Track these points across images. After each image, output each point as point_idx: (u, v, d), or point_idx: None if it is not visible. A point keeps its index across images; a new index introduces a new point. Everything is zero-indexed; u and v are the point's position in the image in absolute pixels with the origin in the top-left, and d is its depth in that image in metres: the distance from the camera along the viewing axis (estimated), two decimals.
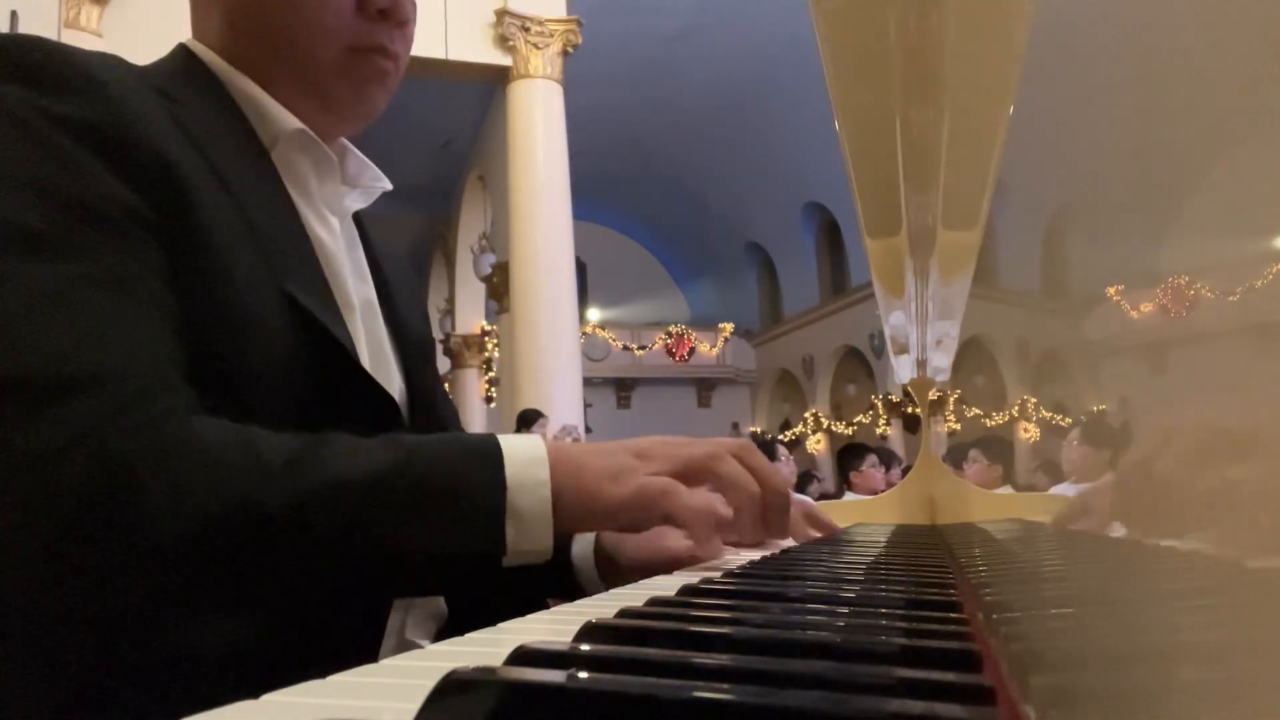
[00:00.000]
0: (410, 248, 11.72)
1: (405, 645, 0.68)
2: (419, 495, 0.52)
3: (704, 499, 0.57)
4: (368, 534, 0.51)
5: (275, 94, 0.68)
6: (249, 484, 0.48)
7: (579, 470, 0.56)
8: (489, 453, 0.54)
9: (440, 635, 0.72)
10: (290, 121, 0.67)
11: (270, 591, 0.50)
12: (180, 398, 0.51)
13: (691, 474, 0.59)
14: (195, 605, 0.50)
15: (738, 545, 0.72)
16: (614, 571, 0.77)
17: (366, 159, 0.78)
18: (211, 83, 0.67)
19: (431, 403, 0.77)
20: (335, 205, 0.73)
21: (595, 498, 0.56)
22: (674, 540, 0.74)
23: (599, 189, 14.17)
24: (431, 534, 0.52)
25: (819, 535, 0.86)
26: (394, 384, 0.73)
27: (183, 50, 0.69)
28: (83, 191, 0.52)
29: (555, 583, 0.77)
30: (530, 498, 0.54)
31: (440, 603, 0.73)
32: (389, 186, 0.79)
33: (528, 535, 0.53)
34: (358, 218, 0.79)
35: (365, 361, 0.66)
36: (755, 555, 0.65)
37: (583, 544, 0.78)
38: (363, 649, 0.58)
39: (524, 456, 0.55)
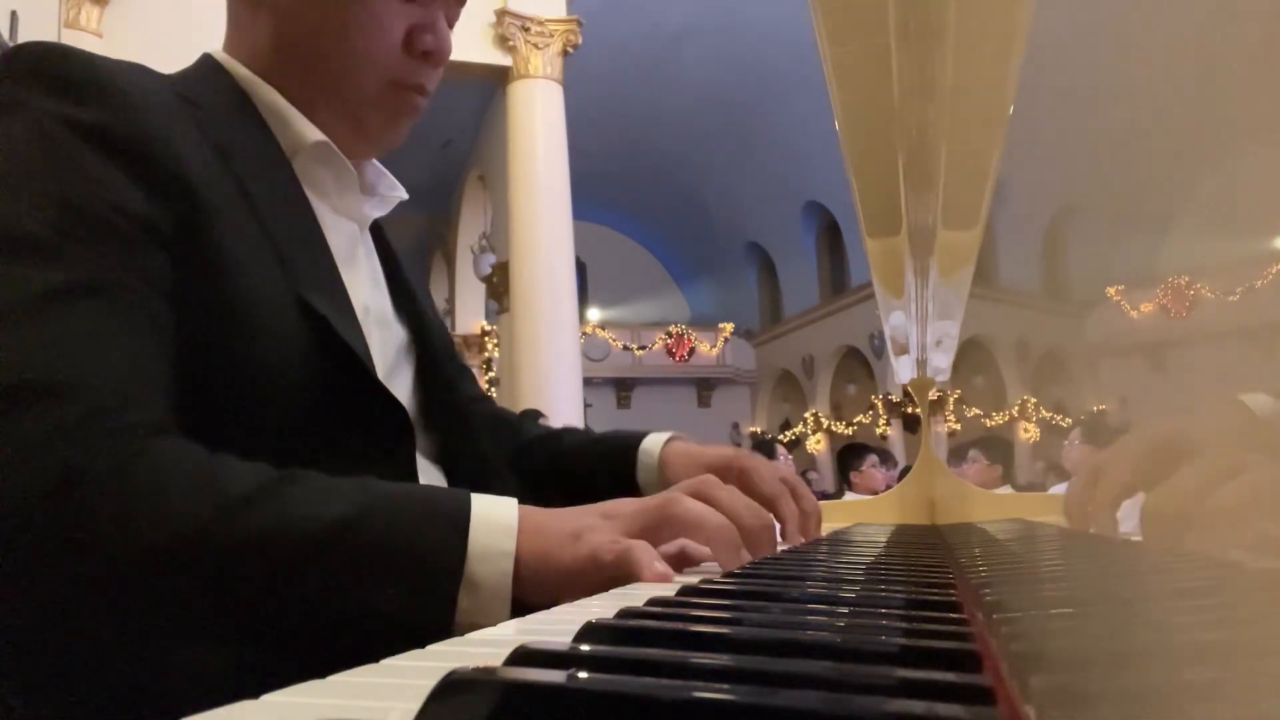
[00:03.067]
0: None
1: None
2: (373, 550, 0.49)
3: (661, 566, 0.53)
4: (312, 583, 0.48)
5: (308, 112, 0.69)
6: (200, 515, 0.47)
7: (540, 534, 0.53)
8: (456, 515, 0.51)
9: None
10: (312, 133, 0.69)
11: (216, 623, 0.48)
12: (147, 415, 0.50)
13: (654, 525, 0.56)
14: (145, 627, 0.48)
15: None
16: None
17: (383, 169, 0.79)
18: (236, 92, 0.68)
19: (448, 411, 0.77)
20: (354, 214, 0.74)
21: (551, 561, 0.53)
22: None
23: (599, 189, 14.17)
24: (377, 592, 0.48)
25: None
26: (404, 393, 0.73)
27: (207, 60, 0.70)
28: (88, 199, 0.52)
29: None
30: (490, 569, 0.50)
31: None
32: (405, 196, 0.80)
33: (481, 608, 0.50)
34: (375, 226, 0.80)
35: (378, 370, 0.66)
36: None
37: (648, 472, 0.83)
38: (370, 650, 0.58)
39: (493, 524, 0.52)
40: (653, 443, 0.85)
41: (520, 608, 0.52)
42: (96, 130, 0.54)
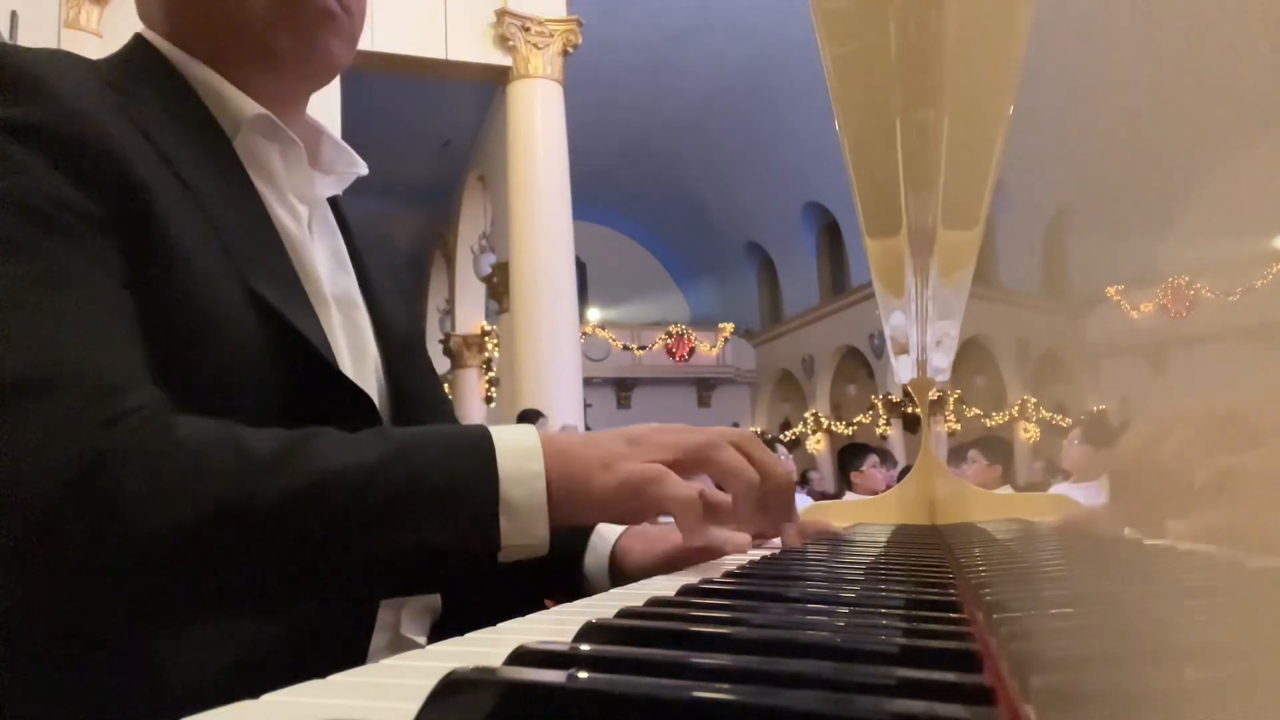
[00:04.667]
0: (410, 248, 11.72)
1: (401, 642, 0.67)
2: (410, 489, 0.50)
3: (690, 488, 0.55)
4: (359, 530, 0.49)
5: (228, 71, 0.66)
6: (234, 479, 0.47)
7: (568, 459, 0.54)
8: (480, 444, 0.53)
9: (435, 630, 0.71)
10: (251, 107, 0.65)
11: (258, 591, 0.49)
12: (150, 395, 0.49)
13: (687, 461, 0.57)
14: (182, 606, 0.48)
15: (748, 533, 0.71)
16: (624, 581, 0.75)
17: (343, 144, 0.75)
18: (168, 73, 0.65)
19: (418, 398, 0.74)
20: (305, 193, 0.70)
21: (585, 486, 0.54)
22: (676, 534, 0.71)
23: (599, 189, 14.17)
24: (424, 528, 0.50)
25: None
26: (374, 380, 0.71)
27: (138, 40, 0.67)
28: (32, 197, 0.51)
29: (566, 592, 0.75)
30: (523, 490, 0.52)
31: (434, 596, 0.72)
32: (364, 171, 0.76)
33: (522, 528, 0.52)
34: (337, 205, 0.77)
35: (343, 357, 0.65)
36: (756, 554, 0.65)
37: (596, 558, 0.76)
38: (351, 651, 0.58)
39: (517, 447, 0.53)
40: (596, 557, 0.77)
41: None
42: (24, 127, 0.52)
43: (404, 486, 0.50)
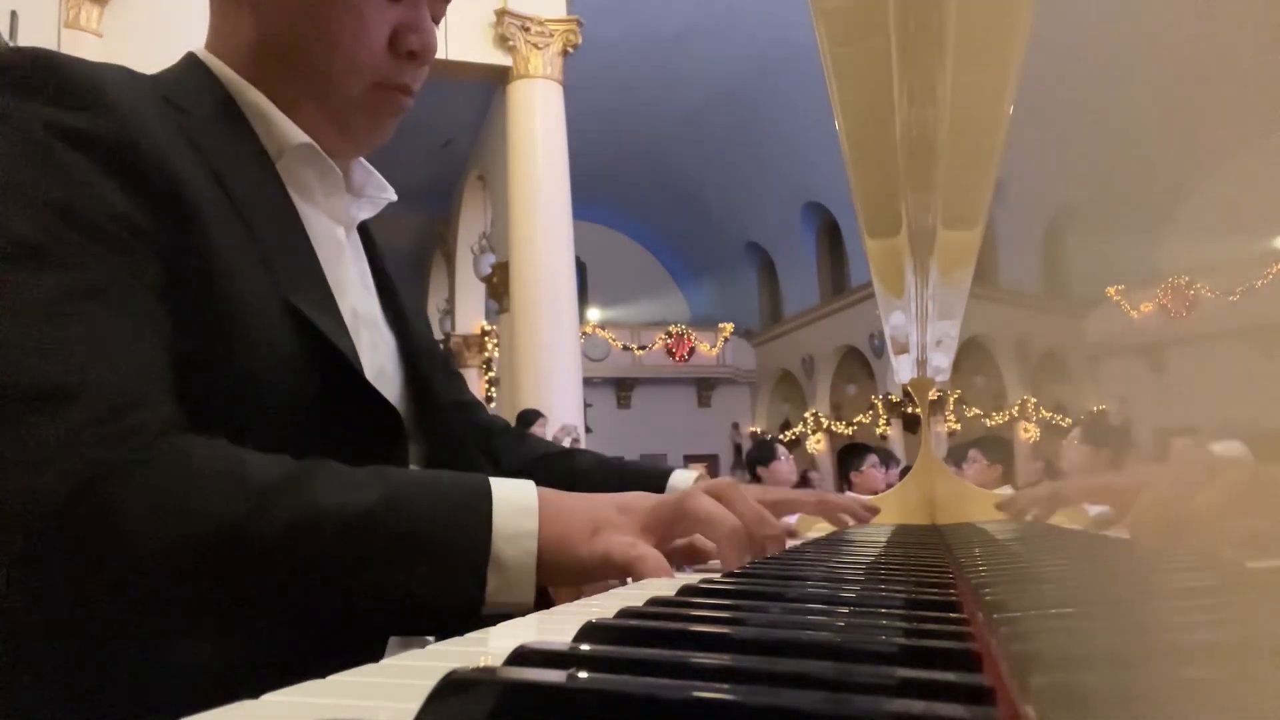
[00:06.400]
0: (410, 248, 11.72)
1: (408, 639, 0.68)
2: (403, 535, 0.51)
3: (669, 568, 0.55)
4: (347, 570, 0.50)
5: (290, 112, 0.69)
6: (232, 507, 0.48)
7: (561, 520, 0.55)
8: (478, 497, 0.54)
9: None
10: (296, 135, 0.68)
11: (247, 615, 0.50)
12: (162, 413, 0.51)
13: (669, 520, 0.58)
14: (174, 622, 0.49)
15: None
16: None
17: (372, 169, 0.79)
18: (219, 94, 0.67)
19: (439, 408, 0.77)
20: (341, 215, 0.73)
21: (572, 553, 0.55)
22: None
23: (599, 189, 14.16)
24: (411, 576, 0.50)
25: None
26: (394, 395, 0.73)
27: (191, 59, 0.70)
28: (80, 204, 0.52)
29: None
30: (515, 548, 0.53)
31: None
32: (394, 198, 0.80)
33: (509, 586, 0.52)
34: (364, 227, 0.80)
35: (368, 373, 0.66)
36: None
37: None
38: (368, 649, 0.58)
39: (514, 505, 0.54)
40: (681, 479, 0.85)
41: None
42: (85, 137, 0.54)
43: (396, 532, 0.51)
